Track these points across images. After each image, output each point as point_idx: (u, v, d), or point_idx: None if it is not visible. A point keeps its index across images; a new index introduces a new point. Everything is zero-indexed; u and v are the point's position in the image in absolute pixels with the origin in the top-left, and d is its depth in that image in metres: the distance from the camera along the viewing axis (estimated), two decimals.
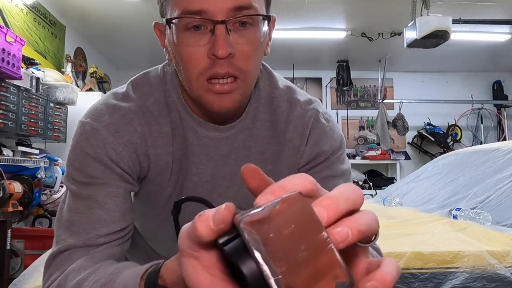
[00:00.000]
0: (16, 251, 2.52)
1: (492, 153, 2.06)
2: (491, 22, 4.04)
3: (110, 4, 3.75)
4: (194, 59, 0.56)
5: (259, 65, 0.63)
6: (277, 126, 0.70)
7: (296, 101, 0.71)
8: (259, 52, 0.60)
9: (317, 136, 0.70)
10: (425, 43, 3.25)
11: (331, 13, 4.08)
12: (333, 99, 6.18)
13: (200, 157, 0.68)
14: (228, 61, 0.55)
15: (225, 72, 0.56)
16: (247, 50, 0.57)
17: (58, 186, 2.96)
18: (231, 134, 0.68)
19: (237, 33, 0.56)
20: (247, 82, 0.59)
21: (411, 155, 5.99)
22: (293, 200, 0.26)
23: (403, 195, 2.46)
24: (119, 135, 0.62)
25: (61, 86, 3.15)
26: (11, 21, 3.12)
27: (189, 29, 0.56)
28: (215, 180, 0.70)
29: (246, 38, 0.57)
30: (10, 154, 2.53)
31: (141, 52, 5.26)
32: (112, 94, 0.68)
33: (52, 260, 0.59)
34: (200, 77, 0.57)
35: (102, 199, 0.60)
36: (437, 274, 1.17)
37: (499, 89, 6.19)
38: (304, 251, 0.25)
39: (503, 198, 1.60)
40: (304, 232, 0.25)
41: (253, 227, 0.25)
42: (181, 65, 0.59)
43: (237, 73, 0.57)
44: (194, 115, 0.67)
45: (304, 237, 0.25)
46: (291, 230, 0.25)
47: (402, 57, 5.36)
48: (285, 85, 0.74)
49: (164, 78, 0.68)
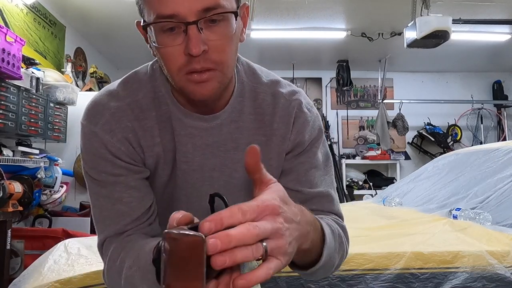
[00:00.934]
0: (16, 251, 2.52)
1: (492, 153, 2.06)
2: (491, 22, 4.04)
3: (110, 4, 3.75)
4: (172, 57, 0.61)
5: (234, 54, 0.67)
6: (263, 118, 0.75)
7: (280, 94, 0.76)
8: (232, 43, 0.64)
9: (300, 124, 0.75)
10: (425, 43, 3.25)
11: (331, 13, 4.08)
12: (333, 99, 6.18)
13: (188, 146, 0.73)
14: (203, 57, 0.60)
15: (201, 67, 0.61)
16: (220, 44, 0.61)
17: (58, 186, 2.96)
18: (216, 124, 0.73)
19: (208, 30, 0.60)
20: (224, 71, 0.64)
21: (411, 155, 5.99)
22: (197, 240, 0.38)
23: (403, 195, 2.46)
24: (114, 134, 0.69)
25: (61, 86, 3.15)
26: (11, 21, 3.12)
27: (165, 31, 0.61)
28: (204, 169, 0.75)
29: (217, 33, 0.61)
30: (10, 154, 2.53)
31: (141, 52, 5.25)
32: (103, 93, 0.73)
33: (100, 249, 0.72)
34: (180, 72, 0.62)
35: (118, 196, 0.69)
36: (437, 274, 1.17)
37: (499, 89, 6.19)
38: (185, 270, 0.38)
39: (503, 198, 1.60)
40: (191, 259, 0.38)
41: (168, 241, 0.39)
42: (162, 62, 0.64)
43: (213, 65, 0.61)
44: (180, 107, 0.72)
45: (190, 262, 0.38)
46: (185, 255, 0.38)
47: (402, 57, 5.36)
48: (270, 79, 0.78)
49: (153, 75, 0.74)
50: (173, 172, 0.75)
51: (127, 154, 0.70)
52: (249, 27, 4.32)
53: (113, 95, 0.72)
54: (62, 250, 1.52)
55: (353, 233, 1.52)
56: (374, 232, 1.53)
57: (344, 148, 6.02)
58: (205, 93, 0.63)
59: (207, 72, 0.61)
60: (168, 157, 0.74)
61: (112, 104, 0.70)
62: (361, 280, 1.18)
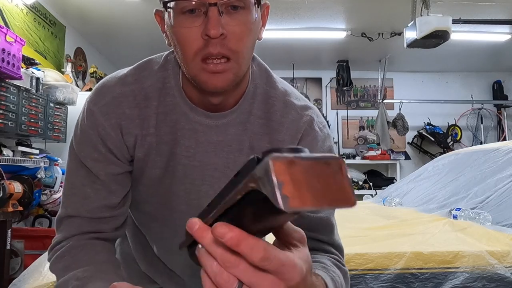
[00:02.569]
0: (16, 251, 2.52)
1: (492, 153, 2.06)
2: (491, 22, 4.04)
3: (110, 4, 3.75)
4: (188, 40, 0.60)
5: (251, 48, 0.65)
6: (270, 124, 0.73)
7: (292, 105, 0.74)
8: (251, 34, 0.62)
9: (308, 142, 0.72)
10: (425, 43, 3.25)
11: (331, 13, 4.08)
12: (333, 99, 6.18)
13: (191, 140, 0.72)
14: (220, 42, 0.58)
15: (217, 52, 0.59)
16: (238, 31, 0.60)
17: (58, 186, 2.96)
18: (222, 123, 0.71)
19: (229, 15, 0.59)
20: (240, 62, 0.62)
21: (411, 155, 5.99)
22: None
23: (403, 195, 2.46)
24: (109, 117, 0.69)
25: (61, 86, 3.16)
26: (11, 21, 3.12)
27: (184, 13, 0.59)
28: (205, 168, 0.73)
29: (237, 20, 0.60)
30: (10, 154, 2.53)
31: (141, 52, 5.25)
32: (113, 76, 0.74)
33: (59, 223, 0.72)
34: (195, 57, 0.60)
35: (89, 181, 0.70)
36: (437, 274, 1.17)
37: (499, 89, 6.19)
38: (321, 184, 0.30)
39: (503, 198, 1.60)
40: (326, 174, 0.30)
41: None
42: (178, 46, 0.62)
43: (229, 53, 0.60)
44: (187, 101, 0.71)
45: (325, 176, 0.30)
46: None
47: (402, 57, 5.36)
48: (284, 87, 0.76)
49: (165, 65, 0.73)
50: (170, 166, 0.73)
51: (114, 141, 0.69)
52: None
53: (121, 79, 0.72)
54: None
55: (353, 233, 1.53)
56: (374, 232, 1.53)
57: (344, 148, 6.02)
58: (218, 85, 0.62)
59: (223, 63, 0.60)
60: (162, 150, 0.72)
61: (116, 88, 0.70)
62: (361, 280, 1.18)
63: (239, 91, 0.71)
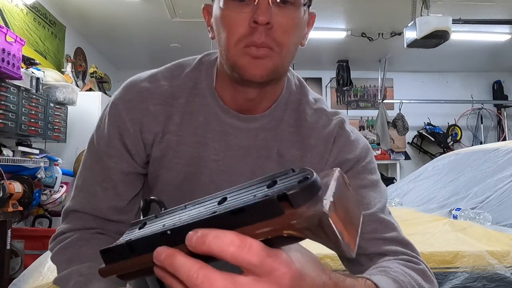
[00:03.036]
0: (16, 251, 2.52)
1: (492, 153, 2.06)
2: (491, 22, 4.04)
3: (110, 4, 3.75)
4: (235, 25, 0.60)
5: (294, 45, 0.64)
6: (301, 131, 0.72)
7: (322, 111, 0.74)
8: (297, 30, 0.63)
9: (341, 144, 0.72)
10: (425, 43, 3.24)
11: (331, 13, 4.08)
12: (333, 99, 6.18)
13: (221, 143, 0.70)
14: (266, 31, 0.59)
15: (261, 41, 0.59)
16: (285, 24, 0.60)
17: (58, 186, 2.97)
18: (253, 127, 0.70)
19: (278, 8, 0.60)
20: (282, 54, 0.61)
21: (411, 155, 5.99)
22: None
23: (403, 195, 2.46)
24: (130, 111, 0.68)
25: (61, 86, 3.15)
26: (11, 21, 3.12)
27: (234, 0, 0.60)
28: (232, 173, 0.71)
29: (285, 13, 0.60)
30: (10, 154, 2.54)
31: (141, 52, 5.26)
32: (144, 73, 0.73)
33: (65, 215, 0.72)
34: (238, 43, 0.60)
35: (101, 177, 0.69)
36: (437, 274, 1.17)
37: (499, 89, 6.19)
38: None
39: (503, 198, 1.59)
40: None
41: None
42: (223, 32, 0.62)
43: (273, 44, 0.60)
44: (220, 101, 0.70)
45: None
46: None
47: (402, 57, 5.36)
48: (316, 97, 0.77)
49: (198, 66, 0.73)
50: (193, 170, 0.70)
51: (131, 137, 0.68)
52: None
53: (150, 76, 0.72)
54: None
55: None
56: None
57: None
58: (257, 72, 0.60)
59: (265, 49, 0.59)
60: (183, 152, 0.69)
61: (144, 84, 0.70)
62: None
63: (274, 93, 0.70)
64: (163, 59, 0.72)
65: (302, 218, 0.28)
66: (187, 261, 0.31)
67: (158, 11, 3.86)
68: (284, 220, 0.28)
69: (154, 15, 3.96)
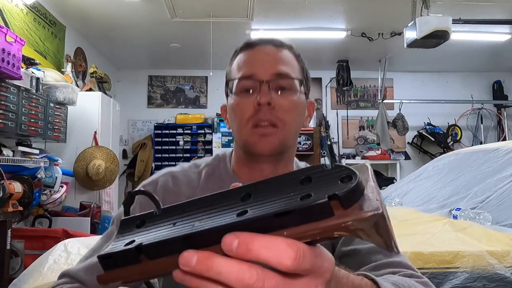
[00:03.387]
0: (16, 251, 2.52)
1: (492, 153, 2.06)
2: (491, 22, 4.04)
3: (110, 4, 3.75)
4: (243, 109, 0.74)
5: (296, 122, 0.76)
6: None
7: None
8: (296, 110, 0.75)
9: None
10: (425, 43, 3.24)
11: (331, 13, 4.08)
12: (333, 99, 6.18)
13: None
14: (269, 111, 0.71)
15: (266, 118, 0.71)
16: (285, 105, 0.73)
17: (58, 186, 2.97)
18: None
19: (277, 93, 0.73)
20: (285, 130, 0.73)
21: (411, 155, 5.99)
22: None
23: (403, 195, 2.46)
24: (153, 188, 0.78)
25: (61, 86, 3.16)
26: (11, 21, 3.12)
27: (242, 92, 0.75)
28: None
29: (284, 96, 0.74)
30: (10, 154, 2.54)
31: (141, 52, 5.26)
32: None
33: (63, 275, 0.75)
34: (247, 123, 0.73)
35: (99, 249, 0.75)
36: (437, 274, 1.17)
37: (499, 89, 6.19)
38: None
39: (503, 198, 1.59)
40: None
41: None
42: (235, 116, 0.75)
43: (277, 121, 0.72)
44: (236, 178, 0.79)
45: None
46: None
47: (402, 57, 5.36)
48: None
49: (217, 158, 0.86)
50: None
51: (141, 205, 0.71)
52: (249, 27, 4.32)
53: (180, 165, 0.84)
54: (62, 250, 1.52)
55: None
56: None
57: (344, 148, 6.02)
58: (265, 147, 0.72)
59: (270, 128, 0.72)
60: None
61: (168, 170, 0.82)
62: None
63: (286, 170, 0.73)
64: (163, 59, 0.72)
65: (357, 219, 0.27)
66: (231, 262, 0.29)
67: (158, 11, 3.86)
68: (335, 222, 0.27)
69: (154, 15, 3.96)
